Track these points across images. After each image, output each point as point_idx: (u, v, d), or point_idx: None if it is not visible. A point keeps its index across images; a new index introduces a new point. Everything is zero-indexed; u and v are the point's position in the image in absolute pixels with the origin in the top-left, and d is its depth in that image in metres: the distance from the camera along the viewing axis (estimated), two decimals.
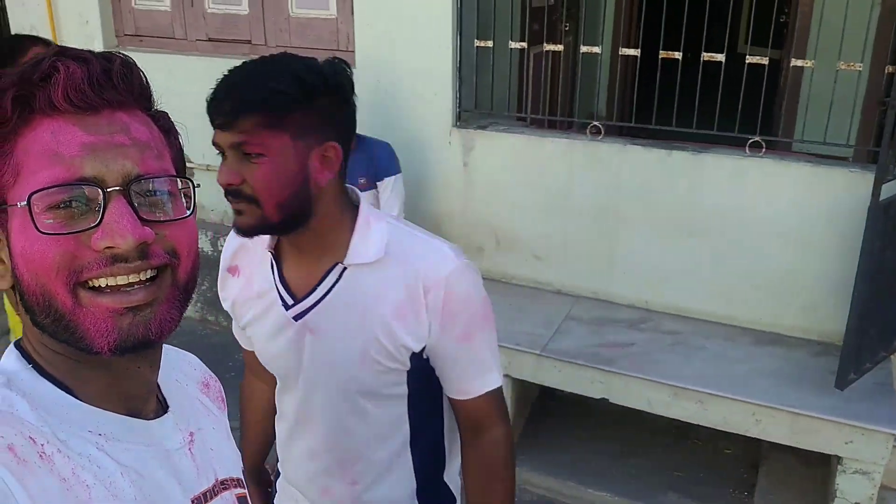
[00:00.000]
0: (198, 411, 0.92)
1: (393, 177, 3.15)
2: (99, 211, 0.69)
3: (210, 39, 3.99)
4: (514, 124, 3.55)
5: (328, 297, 1.27)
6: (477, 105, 3.47)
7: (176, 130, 0.83)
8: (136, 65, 0.75)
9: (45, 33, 4.25)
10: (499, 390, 1.33)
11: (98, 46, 4.15)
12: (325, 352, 1.30)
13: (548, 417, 3.46)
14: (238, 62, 1.16)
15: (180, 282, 0.75)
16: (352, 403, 1.32)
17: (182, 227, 0.75)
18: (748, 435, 2.75)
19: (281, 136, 1.15)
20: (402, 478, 1.39)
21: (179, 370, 0.95)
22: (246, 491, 0.95)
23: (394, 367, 1.28)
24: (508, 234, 3.48)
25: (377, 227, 1.26)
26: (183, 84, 3.93)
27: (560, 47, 3.41)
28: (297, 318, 1.28)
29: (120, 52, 0.76)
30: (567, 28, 4.40)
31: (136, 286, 0.70)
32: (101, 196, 0.69)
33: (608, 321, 3.22)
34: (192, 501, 0.82)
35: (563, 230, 3.35)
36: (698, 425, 2.85)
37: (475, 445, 1.35)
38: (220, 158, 1.19)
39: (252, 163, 1.15)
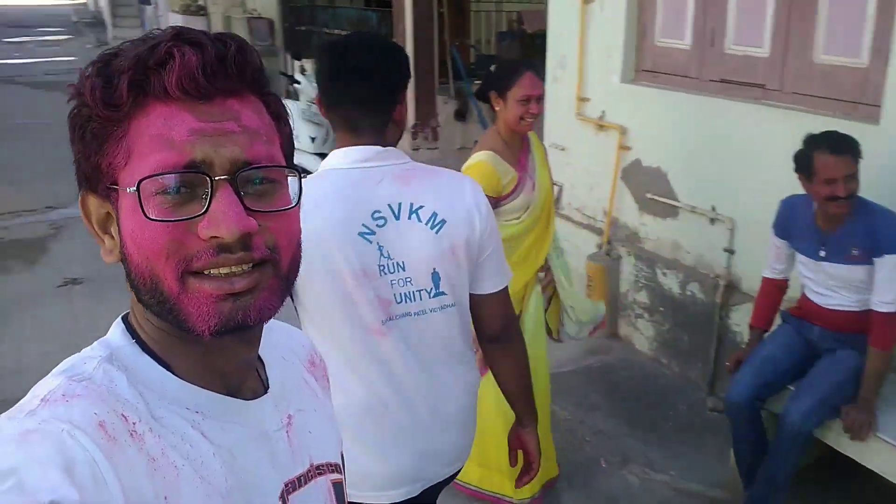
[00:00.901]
0: (301, 391, 0.91)
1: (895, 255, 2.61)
2: (206, 199, 0.69)
3: (722, 80, 3.84)
4: None
5: None
6: None
7: (286, 116, 0.80)
8: (251, 49, 0.73)
9: (573, 63, 4.61)
10: None
11: (616, 80, 4.35)
12: None
13: None
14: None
15: (282, 273, 0.75)
16: None
17: (285, 218, 0.74)
18: None
19: None
20: None
21: (287, 347, 0.94)
22: (342, 476, 0.94)
23: None
24: None
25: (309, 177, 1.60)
26: (689, 123, 3.90)
27: None
28: None
29: (235, 35, 0.74)
30: None
31: (238, 274, 0.70)
32: (209, 183, 0.69)
33: None
34: (286, 485, 0.81)
35: None
36: None
37: None
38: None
39: None
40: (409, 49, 6.88)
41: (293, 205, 0.75)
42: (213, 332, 0.71)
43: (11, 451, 0.61)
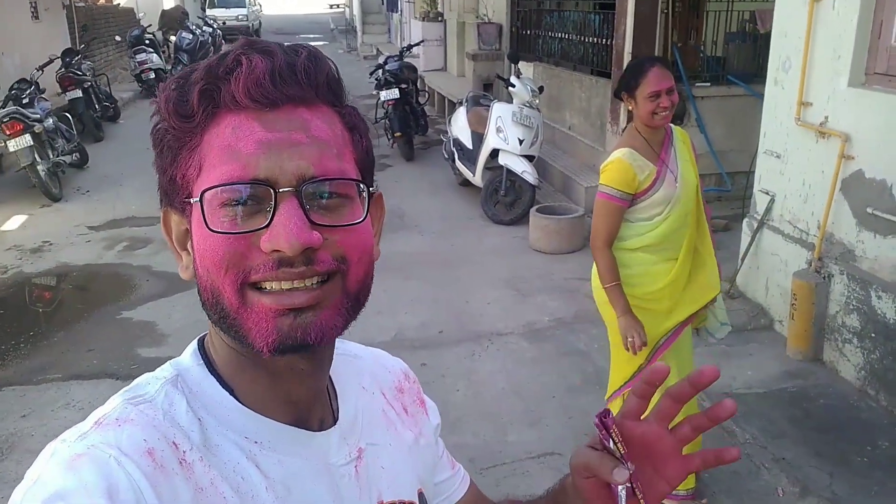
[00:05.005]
0: (377, 423, 0.86)
1: None
2: (270, 211, 0.66)
3: None
4: None
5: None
6: None
7: (364, 127, 0.76)
8: (323, 58, 0.71)
9: (797, 64, 4.29)
10: None
11: (842, 83, 3.99)
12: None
13: None
14: None
15: (350, 290, 0.71)
16: None
17: (354, 232, 0.70)
18: None
19: None
20: None
21: (370, 375, 0.90)
22: None
23: None
24: None
25: None
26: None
27: None
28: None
29: (310, 46, 0.71)
30: None
31: (300, 289, 0.67)
32: (273, 196, 0.66)
33: None
34: None
35: None
36: None
37: None
38: None
39: None
40: (628, 51, 6.73)
41: (361, 219, 0.71)
42: (272, 350, 0.68)
43: (60, 475, 0.62)
